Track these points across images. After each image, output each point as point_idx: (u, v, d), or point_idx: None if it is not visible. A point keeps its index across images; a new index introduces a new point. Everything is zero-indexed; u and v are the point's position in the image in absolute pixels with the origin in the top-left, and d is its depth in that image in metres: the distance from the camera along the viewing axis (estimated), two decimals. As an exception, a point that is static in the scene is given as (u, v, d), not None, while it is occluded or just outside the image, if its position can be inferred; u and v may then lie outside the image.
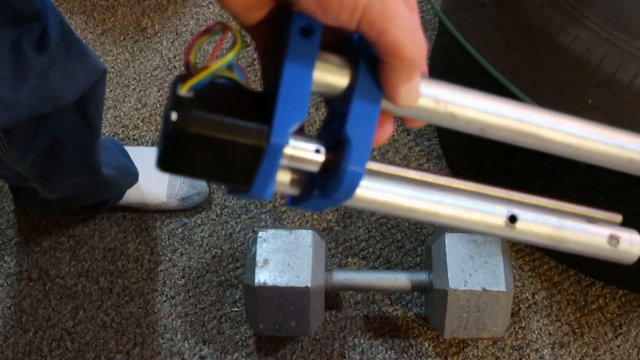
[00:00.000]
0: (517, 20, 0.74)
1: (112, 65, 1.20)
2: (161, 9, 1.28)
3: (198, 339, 0.96)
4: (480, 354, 0.94)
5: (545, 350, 0.95)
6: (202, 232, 1.04)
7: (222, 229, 1.04)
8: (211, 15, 1.26)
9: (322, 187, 0.33)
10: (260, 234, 0.86)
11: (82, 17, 1.26)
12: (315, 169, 0.33)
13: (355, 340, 0.95)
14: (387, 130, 0.34)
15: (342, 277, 0.89)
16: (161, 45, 1.23)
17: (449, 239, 0.85)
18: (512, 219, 0.36)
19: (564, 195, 0.87)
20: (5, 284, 1.00)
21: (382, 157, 1.10)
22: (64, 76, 0.70)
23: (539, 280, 1.00)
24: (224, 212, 1.05)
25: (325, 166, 0.33)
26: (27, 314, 0.98)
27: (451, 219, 0.35)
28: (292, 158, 0.32)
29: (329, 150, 0.33)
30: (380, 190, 0.34)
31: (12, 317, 0.98)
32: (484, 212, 0.36)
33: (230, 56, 0.32)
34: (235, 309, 0.98)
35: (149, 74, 1.19)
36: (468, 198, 0.36)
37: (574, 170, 0.82)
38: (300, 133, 0.33)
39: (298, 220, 1.05)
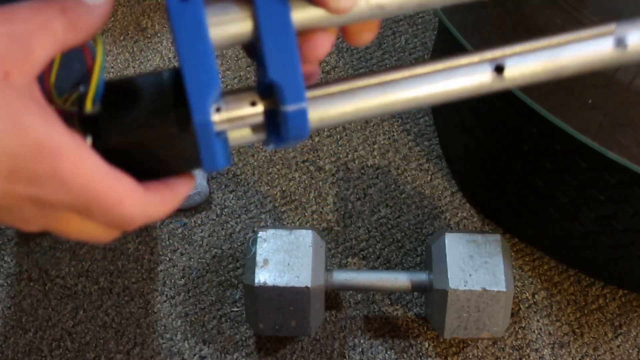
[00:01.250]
0: (517, 20, 0.74)
1: (112, 65, 1.20)
2: (161, 9, 1.28)
3: (198, 339, 0.96)
4: (480, 354, 0.94)
5: (545, 350, 0.95)
6: (202, 232, 1.04)
7: (222, 229, 1.04)
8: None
9: (277, 131, 0.32)
10: (260, 234, 0.86)
11: (82, 17, 1.26)
12: (260, 119, 0.31)
13: (355, 340, 0.95)
14: (319, 44, 0.31)
15: (342, 277, 0.89)
16: (161, 45, 1.23)
17: (449, 239, 0.85)
18: (498, 69, 0.33)
19: (564, 195, 0.87)
20: (5, 284, 1.00)
21: (382, 157, 1.10)
22: (60, 65, 0.70)
23: (539, 280, 1.00)
24: (224, 212, 1.05)
25: (272, 111, 0.31)
26: (27, 314, 0.98)
27: (432, 96, 0.33)
28: (231, 120, 0.31)
29: (266, 97, 0.31)
30: (347, 99, 0.32)
31: (12, 317, 0.98)
32: (465, 76, 0.33)
33: (100, 50, 0.30)
34: (235, 309, 0.98)
35: (149, 74, 1.19)
36: (443, 72, 0.33)
37: (574, 170, 0.82)
38: (233, 91, 0.31)
39: (298, 220, 1.05)
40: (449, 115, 1.05)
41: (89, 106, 0.29)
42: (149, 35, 1.24)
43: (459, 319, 0.83)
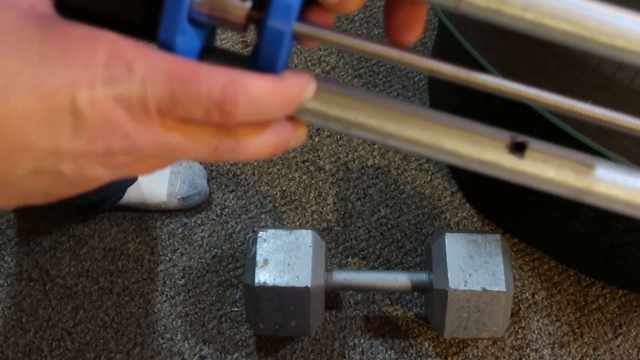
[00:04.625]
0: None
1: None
2: (161, 9, 1.28)
3: (198, 339, 0.96)
4: (480, 354, 0.94)
5: (545, 350, 0.95)
6: (202, 232, 1.04)
7: (222, 229, 1.04)
8: None
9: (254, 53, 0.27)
10: (260, 234, 0.86)
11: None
12: (243, 15, 0.27)
13: (355, 340, 0.95)
14: None
15: (342, 277, 0.89)
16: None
17: (449, 239, 0.85)
18: (519, 146, 0.28)
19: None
20: (6, 284, 1.00)
21: (382, 157, 1.10)
22: None
23: (539, 280, 1.00)
24: (224, 212, 1.05)
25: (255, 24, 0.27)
26: (27, 314, 0.98)
27: (432, 149, 0.28)
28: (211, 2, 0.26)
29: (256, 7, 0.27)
30: (355, 108, 0.28)
31: (12, 317, 0.98)
32: (478, 140, 0.28)
33: None
34: (235, 309, 0.98)
35: (149, 74, 1.19)
36: (453, 126, 0.29)
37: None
38: None
39: (298, 220, 1.05)
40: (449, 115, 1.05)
41: None
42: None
43: (459, 319, 0.83)
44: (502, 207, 1.01)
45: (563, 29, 0.26)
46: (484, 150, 0.28)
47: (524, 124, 0.83)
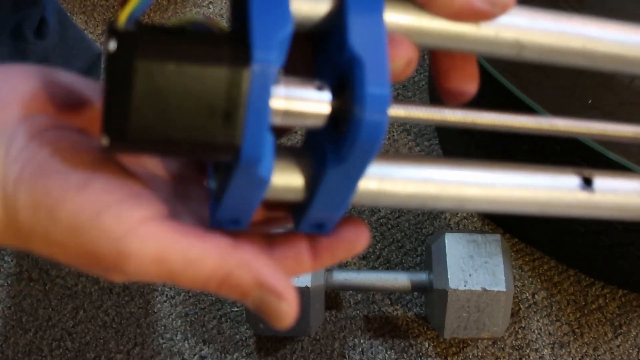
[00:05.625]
0: (517, 20, 0.74)
1: (112, 65, 1.20)
2: (161, 9, 1.28)
3: (198, 339, 0.96)
4: (480, 354, 0.94)
5: (545, 350, 0.95)
6: (202, 232, 1.04)
7: (222, 229, 1.04)
8: (211, 15, 1.26)
9: (335, 143, 0.24)
10: (260, 234, 0.86)
11: (82, 17, 1.26)
12: (325, 109, 0.24)
13: (355, 340, 0.95)
14: (402, 50, 0.25)
15: (342, 277, 0.89)
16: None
17: (449, 239, 0.85)
18: (587, 181, 0.28)
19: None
20: (6, 284, 1.00)
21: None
22: (61, 62, 0.70)
23: (539, 280, 1.00)
24: (224, 212, 1.05)
25: (332, 120, 0.24)
26: (27, 314, 0.98)
27: (511, 201, 0.27)
28: (290, 99, 0.23)
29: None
30: (408, 177, 0.26)
31: (12, 317, 0.98)
32: (547, 183, 0.27)
33: None
34: (235, 309, 0.98)
35: (149, 74, 1.19)
36: (511, 171, 0.27)
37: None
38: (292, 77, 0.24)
39: (298, 220, 1.04)
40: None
41: (122, 18, 0.22)
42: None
43: (459, 319, 0.83)
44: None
45: (616, 54, 0.27)
46: (561, 194, 0.28)
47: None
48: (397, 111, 0.25)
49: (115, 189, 0.24)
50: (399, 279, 0.89)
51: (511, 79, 0.76)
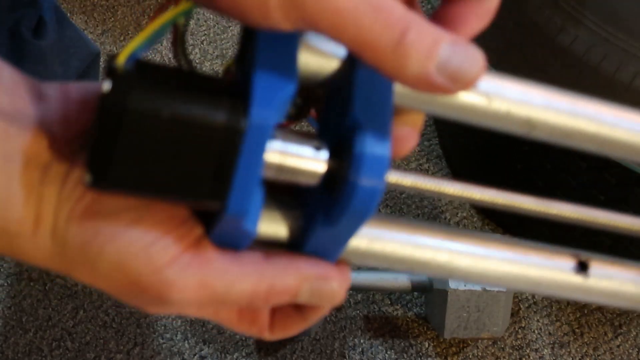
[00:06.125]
0: (517, 20, 0.74)
1: (112, 65, 1.20)
2: (161, 9, 1.28)
3: (198, 339, 0.96)
4: (480, 354, 0.94)
5: (545, 350, 0.95)
6: (202, 232, 1.04)
7: (222, 229, 1.04)
8: (211, 16, 1.26)
9: (329, 205, 0.23)
10: (260, 234, 0.86)
11: (82, 17, 1.26)
12: (320, 168, 0.23)
13: (355, 340, 0.95)
14: (405, 147, 0.25)
15: (342, 277, 0.89)
16: (161, 45, 1.23)
17: (449, 239, 0.85)
18: (582, 266, 0.27)
19: (564, 195, 0.87)
20: (6, 284, 1.00)
21: (382, 157, 1.10)
22: (59, 62, 0.70)
23: (539, 280, 1.00)
24: (224, 212, 1.05)
25: (327, 179, 0.23)
26: (27, 314, 0.98)
27: (501, 276, 0.26)
28: (285, 155, 0.23)
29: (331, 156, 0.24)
30: (401, 241, 0.25)
31: (12, 317, 0.98)
32: (540, 261, 0.27)
33: (172, 13, 0.24)
34: (235, 309, 0.98)
35: (149, 74, 1.19)
36: (507, 249, 0.27)
37: (574, 170, 0.82)
38: (293, 131, 0.24)
39: (298, 220, 1.05)
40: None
41: (121, 58, 0.21)
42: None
43: (459, 319, 0.83)
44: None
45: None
46: (553, 274, 0.27)
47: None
48: (395, 178, 0.24)
49: (161, 222, 0.24)
50: (399, 279, 0.89)
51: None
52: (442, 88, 0.21)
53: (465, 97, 0.24)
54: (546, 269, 0.27)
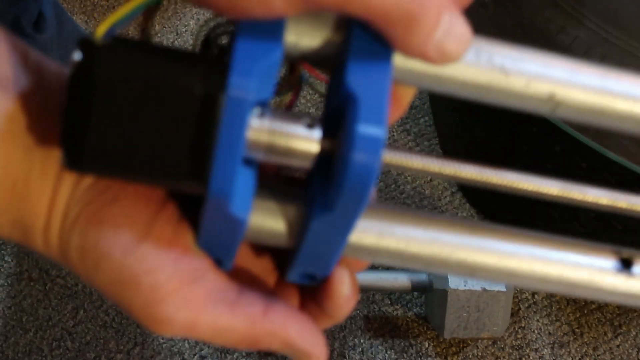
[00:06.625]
0: (517, 20, 0.74)
1: (112, 65, 1.20)
2: (161, 9, 1.28)
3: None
4: (480, 354, 0.94)
5: (545, 350, 0.95)
6: (202, 232, 1.04)
7: (222, 229, 1.04)
8: (211, 16, 1.26)
9: (320, 199, 0.22)
10: (260, 234, 0.86)
11: (82, 17, 1.27)
12: (313, 149, 0.21)
13: (355, 340, 0.95)
14: (402, 105, 0.25)
15: (342, 277, 0.89)
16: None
17: (449, 239, 0.85)
18: (625, 263, 0.24)
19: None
20: (6, 284, 1.00)
21: (382, 157, 1.10)
22: (58, 57, 0.70)
23: (539, 280, 1.00)
24: (224, 212, 1.05)
25: (323, 159, 0.22)
26: (27, 314, 0.98)
27: (530, 275, 0.24)
28: (274, 133, 0.21)
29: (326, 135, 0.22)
30: (423, 237, 0.24)
31: (12, 317, 0.98)
32: (576, 259, 0.24)
33: None
34: (236, 309, 0.98)
35: (149, 74, 1.19)
36: (545, 247, 0.25)
37: (574, 170, 0.82)
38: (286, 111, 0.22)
39: (298, 220, 1.05)
40: (449, 115, 1.05)
41: (100, 32, 0.20)
42: (150, 36, 1.24)
43: (459, 319, 0.83)
44: (502, 207, 1.01)
45: None
46: (592, 274, 0.24)
47: (525, 124, 0.83)
48: (392, 157, 0.23)
49: (159, 254, 0.24)
50: (399, 279, 0.89)
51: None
52: (433, 60, 0.22)
53: (479, 72, 0.23)
54: (584, 269, 0.24)
